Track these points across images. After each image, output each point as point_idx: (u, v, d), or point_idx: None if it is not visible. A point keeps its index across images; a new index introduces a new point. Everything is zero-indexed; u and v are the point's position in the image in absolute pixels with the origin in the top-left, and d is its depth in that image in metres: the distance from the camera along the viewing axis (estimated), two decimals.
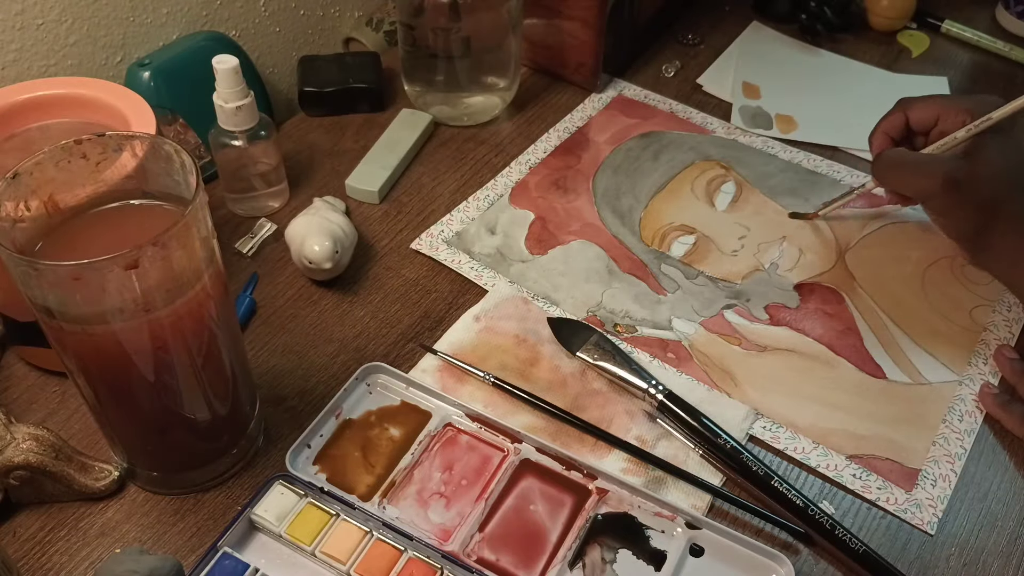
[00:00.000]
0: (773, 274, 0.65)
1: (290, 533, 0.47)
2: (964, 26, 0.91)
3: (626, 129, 0.78)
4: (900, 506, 0.52)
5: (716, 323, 0.62)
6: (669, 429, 0.54)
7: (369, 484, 0.51)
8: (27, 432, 0.48)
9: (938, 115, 0.59)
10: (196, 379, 0.45)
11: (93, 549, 0.48)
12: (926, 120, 0.60)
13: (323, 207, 0.64)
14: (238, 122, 0.63)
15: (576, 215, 0.69)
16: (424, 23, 0.71)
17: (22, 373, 0.57)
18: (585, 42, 0.79)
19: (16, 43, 0.65)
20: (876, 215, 0.70)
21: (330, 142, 0.76)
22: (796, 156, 0.76)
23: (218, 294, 0.44)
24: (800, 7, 0.90)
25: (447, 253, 0.66)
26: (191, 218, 0.39)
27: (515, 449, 0.53)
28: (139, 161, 0.43)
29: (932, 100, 0.60)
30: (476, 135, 0.77)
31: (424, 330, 0.60)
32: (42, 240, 0.42)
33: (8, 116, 0.54)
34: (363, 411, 0.54)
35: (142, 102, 0.55)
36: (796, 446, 0.54)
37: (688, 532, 0.49)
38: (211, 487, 0.51)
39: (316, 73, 0.77)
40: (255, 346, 0.59)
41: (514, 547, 0.48)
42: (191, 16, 0.75)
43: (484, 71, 0.75)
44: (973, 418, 0.56)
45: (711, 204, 0.71)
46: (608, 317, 0.62)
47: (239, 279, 0.63)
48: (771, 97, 0.82)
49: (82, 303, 0.39)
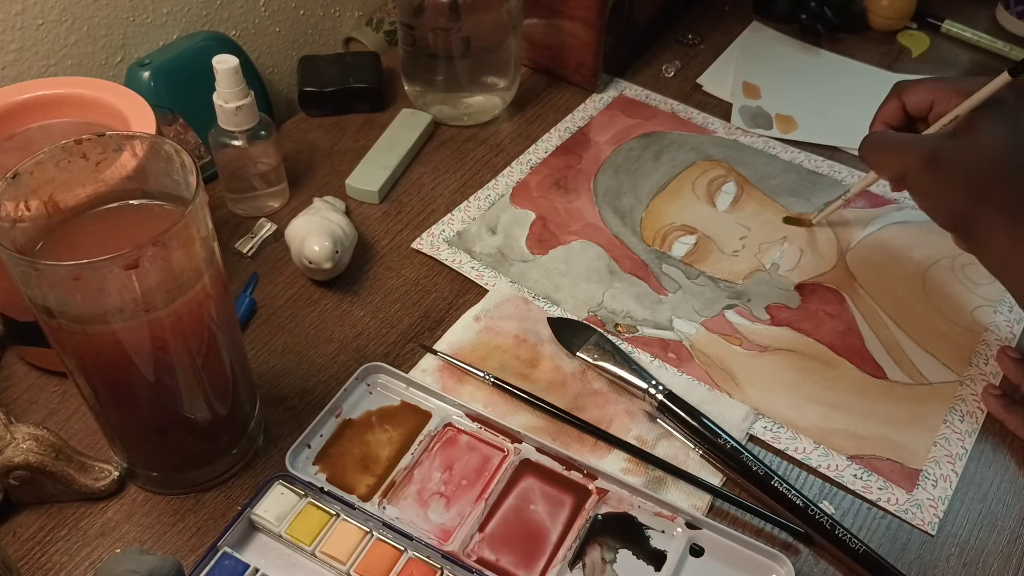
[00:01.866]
0: (774, 274, 0.65)
1: (290, 533, 0.47)
2: (964, 26, 0.91)
3: (627, 129, 0.78)
4: (901, 506, 0.52)
5: (717, 323, 0.62)
6: (669, 429, 0.54)
7: (369, 484, 0.51)
8: (27, 432, 0.48)
9: (932, 98, 0.57)
10: (196, 379, 0.45)
11: (93, 549, 0.48)
12: (922, 104, 0.58)
13: (323, 207, 0.64)
14: (238, 122, 0.63)
15: (577, 215, 0.69)
16: (424, 23, 0.71)
17: (22, 373, 0.56)
18: (585, 42, 0.79)
19: (16, 43, 0.65)
20: (877, 216, 0.70)
21: (330, 142, 0.76)
22: (797, 156, 0.76)
23: (218, 294, 0.44)
24: (800, 7, 0.90)
25: (448, 253, 0.65)
26: (191, 218, 0.39)
27: (515, 449, 0.52)
28: (139, 161, 0.43)
29: (925, 83, 0.58)
30: (476, 135, 0.77)
31: (424, 330, 0.60)
32: (42, 240, 0.42)
33: (8, 116, 0.54)
34: (363, 411, 0.54)
35: (142, 102, 0.55)
36: (797, 446, 0.54)
37: (688, 532, 0.49)
38: (211, 487, 0.51)
39: (316, 73, 0.77)
40: (255, 346, 0.59)
41: (514, 547, 0.48)
42: (191, 16, 0.75)
43: (484, 71, 0.75)
44: (974, 418, 0.56)
45: (712, 204, 0.71)
46: (609, 317, 0.62)
47: (239, 279, 0.63)
48: (771, 97, 0.82)
49: (82, 303, 0.39)
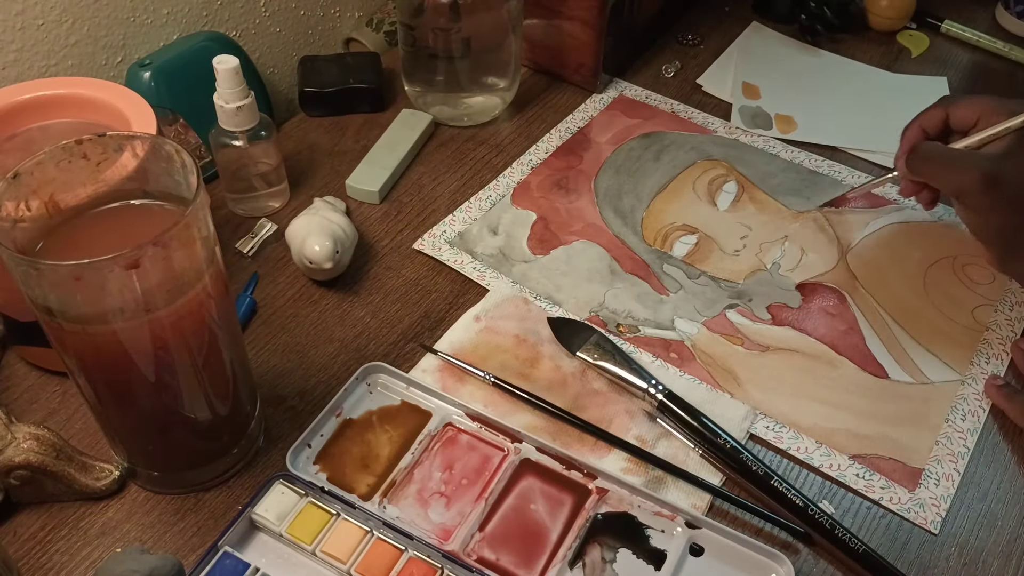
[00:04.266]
0: (775, 274, 0.65)
1: (291, 532, 0.47)
2: (964, 26, 0.91)
3: (628, 129, 0.78)
4: (903, 506, 0.52)
5: (718, 323, 0.62)
6: (669, 429, 0.54)
7: (369, 484, 0.51)
8: (28, 432, 0.48)
9: (979, 116, 0.58)
10: (197, 379, 0.45)
11: (94, 549, 0.48)
12: (967, 120, 0.58)
13: (323, 207, 0.64)
14: (238, 122, 0.63)
15: (578, 215, 0.69)
16: (424, 23, 0.71)
17: (23, 373, 0.57)
18: (585, 42, 0.79)
19: (17, 43, 0.65)
20: (878, 215, 0.70)
21: (330, 142, 0.76)
22: (797, 156, 0.76)
23: (219, 294, 0.44)
24: (800, 7, 0.90)
25: (449, 253, 0.66)
26: (191, 218, 0.39)
27: (515, 449, 0.52)
28: (140, 161, 0.43)
29: (977, 100, 0.59)
30: (476, 135, 0.77)
31: (424, 330, 0.60)
32: (43, 240, 0.42)
33: (9, 116, 0.54)
34: (363, 411, 0.54)
35: (143, 102, 0.55)
36: (799, 446, 0.54)
37: (688, 531, 0.49)
38: (212, 487, 0.51)
39: (316, 73, 0.78)
40: (255, 346, 0.59)
41: (514, 546, 0.48)
42: (191, 16, 0.75)
43: (484, 71, 0.75)
44: (976, 417, 0.56)
45: (713, 204, 0.71)
46: (610, 317, 0.62)
47: (240, 279, 0.63)
48: (771, 97, 0.82)
49: (83, 303, 0.39)
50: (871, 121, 0.80)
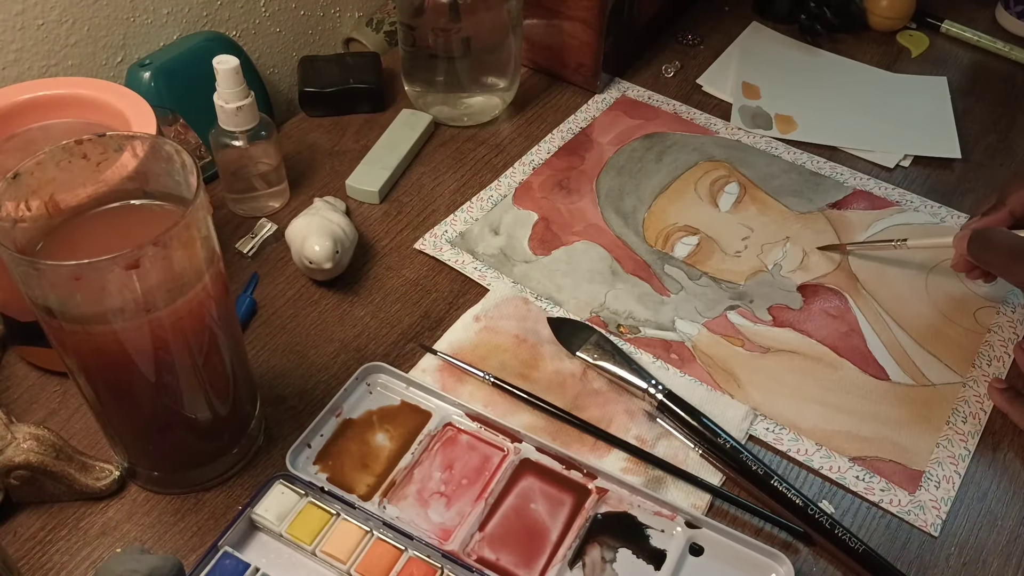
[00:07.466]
0: (776, 275, 0.65)
1: (290, 532, 0.47)
2: (964, 26, 0.91)
3: (630, 130, 0.78)
4: (904, 508, 0.52)
5: (719, 324, 0.62)
6: (669, 429, 0.54)
7: (369, 484, 0.51)
8: (28, 432, 0.48)
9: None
10: (197, 379, 0.45)
11: (94, 549, 0.48)
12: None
13: (323, 207, 0.64)
14: (238, 122, 0.63)
15: (579, 216, 0.69)
16: (424, 23, 0.71)
17: (23, 373, 0.56)
18: (585, 42, 0.79)
19: (17, 43, 0.65)
20: (879, 217, 0.70)
21: (330, 142, 0.76)
22: (799, 157, 0.76)
23: (219, 294, 0.44)
24: (800, 7, 0.90)
25: (451, 253, 0.65)
26: (192, 218, 0.39)
27: (515, 449, 0.52)
28: (140, 161, 0.43)
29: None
30: (476, 135, 0.77)
31: (424, 330, 0.60)
32: (43, 240, 0.42)
33: (9, 116, 0.54)
34: (363, 411, 0.54)
35: (143, 102, 0.55)
36: (799, 448, 0.54)
37: (688, 531, 0.49)
38: (212, 487, 0.51)
39: (316, 73, 0.77)
40: (255, 346, 0.59)
41: (514, 546, 0.48)
42: (191, 16, 0.75)
43: (484, 71, 0.75)
44: (977, 420, 0.56)
45: (714, 205, 0.71)
46: (611, 318, 0.62)
47: (239, 279, 0.63)
48: (771, 97, 0.82)
49: (83, 303, 0.39)
50: (871, 121, 0.80)
